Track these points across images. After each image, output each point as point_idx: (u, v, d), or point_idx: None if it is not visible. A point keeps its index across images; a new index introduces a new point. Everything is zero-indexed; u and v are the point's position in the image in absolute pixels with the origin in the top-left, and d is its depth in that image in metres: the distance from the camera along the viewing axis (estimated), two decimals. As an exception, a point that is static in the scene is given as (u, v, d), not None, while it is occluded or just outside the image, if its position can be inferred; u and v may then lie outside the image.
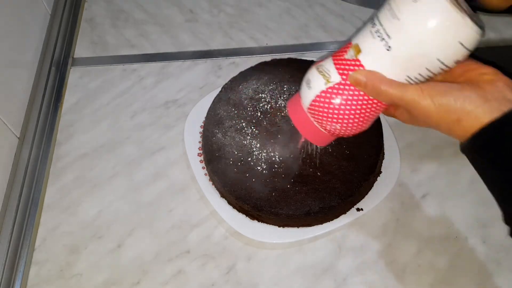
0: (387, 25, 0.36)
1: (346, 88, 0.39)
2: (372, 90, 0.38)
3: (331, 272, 0.54)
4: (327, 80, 0.40)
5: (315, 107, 0.41)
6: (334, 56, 0.41)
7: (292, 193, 0.54)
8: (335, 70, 0.40)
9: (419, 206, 0.58)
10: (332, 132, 0.42)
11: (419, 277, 0.53)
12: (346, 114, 0.40)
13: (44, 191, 0.61)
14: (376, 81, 0.37)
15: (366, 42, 0.38)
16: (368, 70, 0.38)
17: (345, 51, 0.40)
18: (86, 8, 0.81)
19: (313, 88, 0.41)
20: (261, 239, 0.55)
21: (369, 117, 0.41)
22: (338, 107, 0.40)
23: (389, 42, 0.36)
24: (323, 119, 0.41)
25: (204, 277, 0.54)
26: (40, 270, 0.55)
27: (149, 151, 0.64)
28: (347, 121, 0.40)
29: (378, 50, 0.37)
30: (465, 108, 0.35)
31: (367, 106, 0.40)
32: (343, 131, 0.42)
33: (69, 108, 0.69)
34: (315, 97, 0.41)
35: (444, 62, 0.36)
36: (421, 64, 0.37)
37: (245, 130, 0.59)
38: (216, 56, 0.73)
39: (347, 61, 0.39)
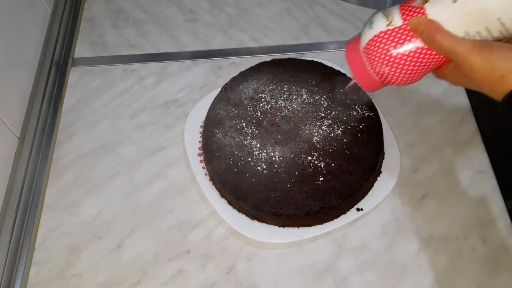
0: None
1: (404, 33, 0.40)
2: (427, 38, 0.39)
3: (331, 272, 0.54)
4: (389, 23, 0.41)
5: (371, 46, 0.42)
6: (403, 3, 0.42)
7: (292, 193, 0.54)
8: (399, 14, 0.41)
9: (419, 206, 0.58)
10: (380, 75, 0.43)
11: (419, 277, 0.53)
12: (398, 58, 0.41)
13: (44, 191, 0.61)
14: (433, 30, 0.38)
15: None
16: (428, 18, 0.39)
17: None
18: (86, 8, 0.81)
19: (374, 28, 0.42)
20: (261, 239, 0.55)
21: (419, 68, 0.41)
22: (392, 50, 0.41)
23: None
24: (375, 60, 0.42)
25: (204, 277, 0.54)
26: (40, 270, 0.55)
27: (149, 151, 0.64)
28: (396, 66, 0.41)
29: (444, 1, 0.38)
30: (510, 65, 0.35)
31: (420, 56, 0.40)
32: (390, 76, 0.42)
33: (69, 108, 0.69)
34: (373, 36, 0.42)
35: (505, 23, 0.37)
36: (481, 22, 0.37)
37: (245, 130, 0.59)
38: (216, 56, 0.73)
39: (412, 8, 0.40)
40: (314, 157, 0.56)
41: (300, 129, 0.58)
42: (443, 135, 0.62)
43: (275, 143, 0.57)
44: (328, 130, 0.58)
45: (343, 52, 0.72)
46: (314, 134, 0.58)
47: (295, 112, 0.60)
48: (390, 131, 0.62)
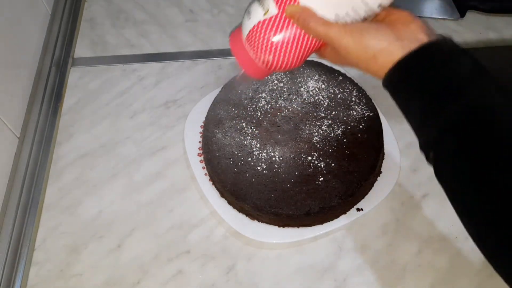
0: None
1: (281, 21, 0.41)
2: (303, 25, 0.41)
3: (331, 272, 0.54)
4: (266, 12, 0.42)
5: (252, 37, 0.43)
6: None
7: (292, 193, 0.54)
8: (273, 2, 0.42)
9: (419, 206, 0.58)
10: (265, 63, 0.44)
11: (419, 277, 0.53)
12: (279, 46, 0.42)
13: (44, 191, 0.61)
14: (307, 17, 0.40)
15: None
16: (302, 5, 0.40)
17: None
18: (86, 8, 0.81)
19: (252, 19, 0.43)
20: (261, 239, 0.55)
21: (300, 52, 0.43)
22: (272, 39, 0.42)
23: None
24: (258, 49, 0.43)
25: (204, 277, 0.54)
26: (40, 270, 0.55)
27: (149, 151, 0.64)
28: (279, 54, 0.42)
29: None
30: (380, 45, 0.38)
31: (300, 41, 0.42)
32: (275, 63, 0.43)
33: (69, 108, 0.69)
34: (253, 26, 0.43)
35: (369, 3, 0.39)
36: (347, 4, 0.39)
37: (245, 130, 0.59)
38: (216, 56, 0.73)
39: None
40: (314, 157, 0.56)
41: (300, 129, 0.58)
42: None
43: (275, 143, 0.57)
44: (328, 130, 0.58)
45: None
46: (314, 134, 0.58)
47: (295, 112, 0.60)
48: (390, 131, 0.62)
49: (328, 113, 0.59)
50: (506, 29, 0.75)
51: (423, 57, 0.37)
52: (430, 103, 0.36)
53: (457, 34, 0.74)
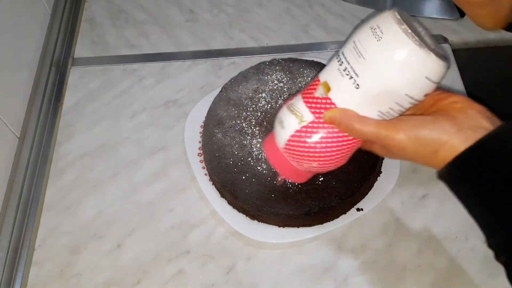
0: (353, 64, 0.37)
1: (320, 127, 0.39)
2: (346, 128, 0.38)
3: (331, 272, 0.54)
4: (300, 120, 0.40)
5: (291, 146, 0.41)
6: (304, 94, 0.41)
7: (292, 193, 0.54)
8: (306, 109, 0.40)
9: (419, 206, 0.58)
10: (310, 169, 0.42)
11: (419, 277, 0.53)
12: (323, 152, 0.40)
13: (44, 191, 0.61)
14: (349, 120, 0.37)
15: (335, 80, 0.38)
16: (340, 108, 0.38)
17: (314, 89, 0.40)
18: (86, 8, 0.81)
19: (287, 128, 0.41)
20: (261, 239, 0.55)
21: (345, 153, 0.41)
22: (314, 146, 0.40)
23: (357, 80, 0.37)
24: (300, 158, 0.41)
25: (204, 277, 0.54)
26: (40, 270, 0.55)
27: (149, 151, 0.64)
28: (323, 159, 0.40)
29: (347, 88, 0.37)
30: (440, 139, 0.35)
31: (343, 143, 0.40)
32: (320, 168, 0.42)
33: (69, 108, 0.69)
34: (289, 136, 0.41)
35: (413, 97, 0.36)
36: (390, 100, 0.37)
37: (245, 130, 0.59)
38: (216, 56, 0.73)
39: (317, 99, 0.39)
40: (314, 157, 0.56)
41: (300, 129, 0.58)
42: (443, 135, 0.62)
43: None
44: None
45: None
46: (314, 134, 0.58)
47: (295, 112, 0.60)
48: (390, 131, 0.62)
49: (328, 113, 0.59)
50: (506, 29, 0.74)
51: (487, 152, 0.33)
52: (497, 209, 0.33)
53: (457, 34, 0.74)
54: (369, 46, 0.36)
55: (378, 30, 0.35)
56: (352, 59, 0.37)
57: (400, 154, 0.38)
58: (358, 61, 0.36)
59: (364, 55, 0.36)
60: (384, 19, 0.36)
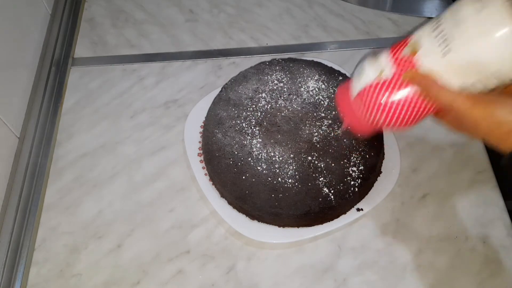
0: (449, 29, 0.36)
1: (397, 85, 0.39)
2: (425, 91, 0.37)
3: (331, 272, 0.54)
4: (380, 73, 0.40)
5: (364, 97, 0.41)
6: (392, 49, 0.40)
7: (292, 193, 0.54)
8: (389, 64, 0.39)
9: (419, 206, 0.58)
10: (376, 123, 0.42)
11: (419, 277, 0.53)
12: (392, 109, 0.40)
13: (44, 191, 0.61)
14: (428, 84, 0.37)
15: (426, 42, 0.38)
16: (422, 73, 0.38)
17: (404, 45, 0.39)
18: (86, 8, 0.81)
19: (365, 78, 0.41)
20: (261, 239, 0.55)
21: (416, 116, 0.40)
22: (385, 102, 0.40)
23: (449, 46, 0.36)
24: (369, 110, 0.41)
25: (204, 277, 0.54)
26: (40, 270, 0.55)
27: (149, 151, 0.64)
28: (391, 116, 0.40)
29: (436, 52, 0.37)
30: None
31: (416, 106, 0.39)
32: (386, 124, 0.41)
33: (69, 108, 0.69)
34: (365, 86, 0.41)
35: (501, 75, 0.36)
36: (476, 75, 0.36)
37: (245, 130, 0.59)
38: (216, 56, 0.73)
39: (403, 58, 0.39)
40: (314, 157, 0.56)
41: (300, 129, 0.58)
42: (443, 135, 0.62)
43: (275, 143, 0.57)
44: (328, 130, 0.58)
45: (343, 52, 0.72)
46: (314, 134, 0.58)
47: (295, 112, 0.60)
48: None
49: (328, 113, 0.59)
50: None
51: None
52: None
53: (457, 34, 0.74)
54: (468, 16, 0.35)
55: (480, 3, 0.35)
56: (449, 24, 0.36)
57: (472, 130, 0.37)
58: (453, 27, 0.36)
59: (461, 23, 0.35)
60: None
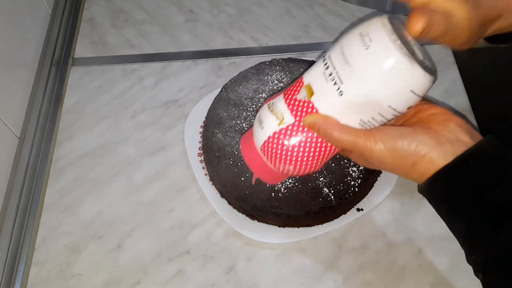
0: (339, 70, 0.36)
1: (299, 130, 0.38)
2: (325, 135, 0.37)
3: (331, 272, 0.54)
4: (280, 121, 0.39)
5: (268, 147, 0.40)
6: (285, 95, 0.40)
7: (292, 193, 0.54)
8: (288, 110, 0.39)
9: (419, 206, 0.58)
10: (284, 172, 0.41)
11: (419, 277, 0.53)
12: (300, 156, 0.39)
13: (44, 191, 0.61)
14: (328, 127, 0.36)
15: (319, 84, 0.37)
16: (321, 114, 0.37)
17: (297, 90, 0.39)
18: (86, 8, 0.81)
19: (266, 128, 0.40)
20: (261, 239, 0.55)
21: (322, 159, 0.40)
22: (292, 149, 0.39)
23: (341, 87, 0.36)
24: (276, 159, 0.40)
25: (204, 277, 0.54)
26: (40, 270, 0.55)
27: (149, 151, 0.64)
28: (300, 163, 0.40)
29: (330, 94, 0.36)
30: (419, 152, 0.34)
31: (321, 149, 0.39)
32: (295, 172, 0.41)
33: (69, 108, 0.69)
34: (267, 137, 0.40)
35: (396, 109, 0.36)
36: (373, 110, 0.36)
37: (245, 130, 0.59)
38: (216, 56, 0.73)
39: (299, 102, 0.38)
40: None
41: (300, 129, 0.58)
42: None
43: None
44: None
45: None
46: (314, 134, 0.58)
47: (295, 112, 0.60)
48: (390, 131, 0.62)
49: (328, 113, 0.59)
50: (506, 29, 0.74)
51: (466, 169, 0.33)
52: (475, 227, 0.33)
53: (457, 34, 0.74)
54: (356, 54, 0.35)
55: (367, 38, 0.34)
56: (338, 64, 0.36)
57: (378, 165, 0.37)
58: (344, 67, 0.35)
59: (351, 62, 0.35)
60: (374, 26, 0.35)
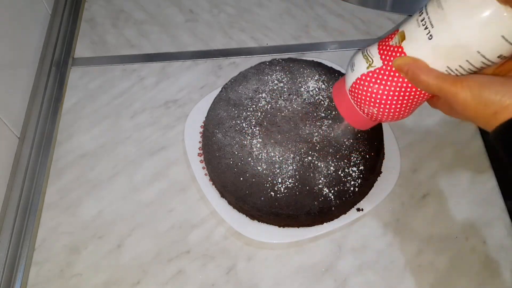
0: (431, 14, 0.36)
1: (386, 74, 0.39)
2: (413, 78, 0.37)
3: (331, 272, 0.54)
4: (369, 64, 0.40)
5: (356, 89, 0.41)
6: (380, 42, 0.41)
7: (292, 193, 0.54)
8: (378, 55, 0.40)
9: (419, 206, 0.58)
10: (370, 116, 0.42)
11: (419, 277, 0.53)
12: (384, 99, 0.40)
13: (44, 191, 0.61)
14: (417, 69, 0.37)
15: (411, 30, 0.38)
16: (411, 57, 0.38)
17: (391, 37, 0.40)
18: (86, 8, 0.81)
19: (356, 71, 0.41)
20: (261, 239, 0.55)
21: (408, 105, 0.41)
22: (376, 92, 0.40)
23: (431, 31, 0.36)
24: (362, 102, 0.42)
25: (204, 277, 0.54)
26: (40, 270, 0.55)
27: (149, 151, 0.64)
28: (383, 107, 0.41)
29: (421, 38, 0.37)
30: (504, 101, 0.34)
31: (406, 94, 0.40)
32: (380, 116, 0.42)
33: (69, 108, 0.69)
34: (356, 79, 0.41)
35: (485, 55, 0.35)
36: (461, 56, 0.36)
37: (245, 130, 0.59)
38: (216, 56, 0.73)
39: (390, 47, 0.39)
40: (314, 157, 0.56)
41: (300, 129, 0.58)
42: (443, 135, 0.62)
43: (275, 143, 0.57)
44: (328, 130, 0.58)
45: (343, 52, 0.72)
46: (314, 134, 0.58)
47: (295, 112, 0.60)
48: (390, 131, 0.62)
49: (328, 113, 0.59)
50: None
51: None
52: None
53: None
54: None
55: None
56: (431, 9, 0.36)
57: (462, 112, 0.37)
58: (436, 11, 0.36)
59: (443, 5, 0.35)
60: None
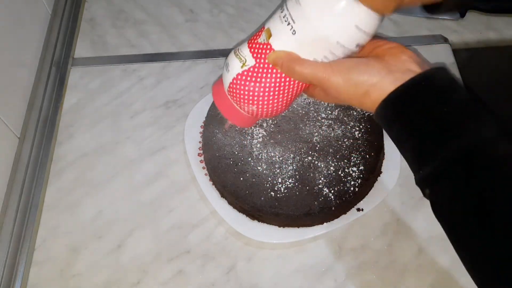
0: (292, 11, 0.38)
1: (260, 71, 0.41)
2: (288, 70, 0.39)
3: (331, 272, 0.54)
4: (243, 64, 0.41)
5: (233, 89, 0.42)
6: (249, 40, 0.42)
7: (292, 193, 0.54)
8: (249, 53, 0.41)
9: (419, 206, 0.58)
10: (251, 113, 0.43)
11: (419, 277, 0.53)
12: (261, 96, 0.41)
13: (44, 191, 0.61)
14: (291, 62, 0.39)
15: (275, 27, 0.40)
16: (284, 51, 0.39)
17: (259, 35, 0.41)
18: (86, 8, 0.81)
19: (231, 72, 0.42)
20: (261, 239, 0.55)
21: (286, 98, 0.42)
22: (253, 89, 0.41)
23: (294, 27, 0.38)
24: (241, 101, 0.42)
25: (204, 277, 0.54)
26: (40, 270, 0.55)
27: (149, 151, 0.64)
28: (262, 103, 0.42)
29: (285, 34, 0.39)
30: (371, 80, 0.36)
31: (281, 88, 0.41)
32: (260, 112, 0.43)
33: (69, 108, 0.69)
34: (232, 79, 0.42)
35: (345, 45, 0.37)
36: (324, 48, 0.38)
37: (245, 130, 0.59)
38: (216, 56, 0.73)
39: (260, 45, 0.41)
40: (314, 157, 0.56)
41: (300, 129, 0.58)
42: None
43: (275, 143, 0.57)
44: (328, 130, 0.58)
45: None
46: (314, 134, 0.58)
47: (295, 112, 0.60)
48: (390, 131, 0.62)
49: (328, 113, 0.59)
50: (506, 29, 0.74)
51: (415, 91, 0.35)
52: (424, 141, 0.35)
53: (457, 34, 0.74)
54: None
55: None
56: (291, 6, 0.38)
57: (336, 97, 0.39)
58: (295, 7, 0.37)
59: (301, 1, 0.37)
60: None
